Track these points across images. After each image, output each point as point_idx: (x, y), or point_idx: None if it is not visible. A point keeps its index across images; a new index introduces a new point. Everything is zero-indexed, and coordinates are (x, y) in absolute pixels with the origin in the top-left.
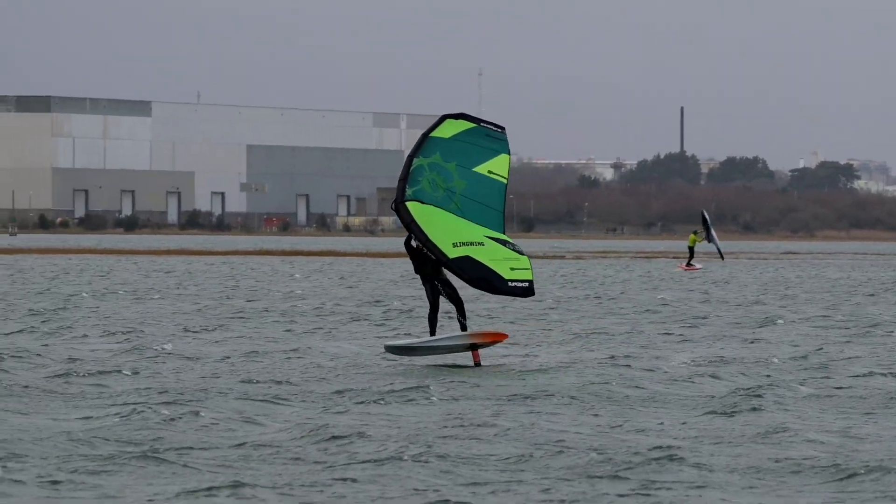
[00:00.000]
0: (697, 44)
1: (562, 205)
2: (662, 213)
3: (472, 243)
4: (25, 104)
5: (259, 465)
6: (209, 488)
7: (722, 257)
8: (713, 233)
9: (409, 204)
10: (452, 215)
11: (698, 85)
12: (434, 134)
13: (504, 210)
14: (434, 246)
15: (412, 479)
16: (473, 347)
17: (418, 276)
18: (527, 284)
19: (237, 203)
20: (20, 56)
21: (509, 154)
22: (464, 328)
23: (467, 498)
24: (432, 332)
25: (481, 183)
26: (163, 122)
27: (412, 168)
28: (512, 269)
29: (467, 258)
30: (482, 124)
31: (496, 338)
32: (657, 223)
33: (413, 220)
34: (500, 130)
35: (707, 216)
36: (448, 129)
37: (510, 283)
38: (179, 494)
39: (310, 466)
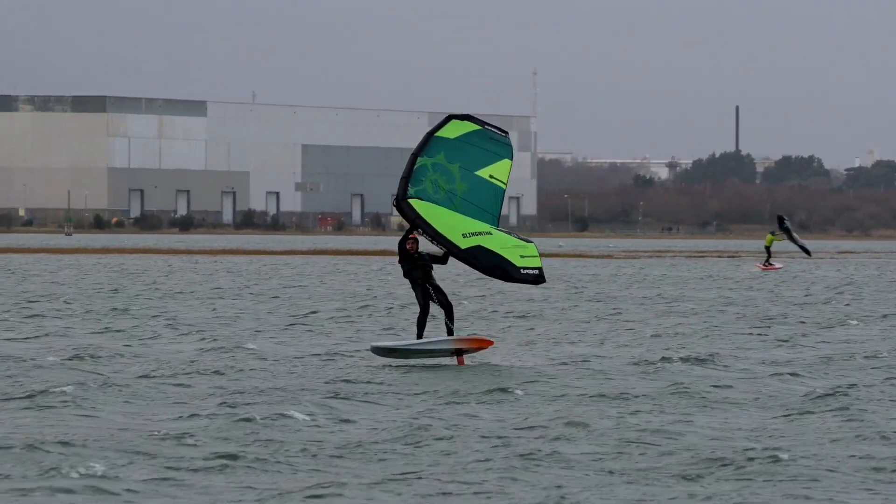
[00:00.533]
0: (752, 43)
1: (616, 204)
2: (717, 213)
3: (480, 233)
4: (81, 104)
5: (345, 465)
6: (296, 488)
7: (809, 254)
8: (795, 234)
9: (411, 201)
10: (453, 212)
11: (753, 84)
12: (439, 134)
13: (499, 215)
14: (444, 238)
15: (495, 478)
16: (459, 353)
17: (407, 280)
18: (537, 272)
19: (292, 203)
20: (76, 56)
21: (511, 159)
22: (450, 333)
23: (552, 497)
24: (419, 336)
25: (482, 187)
26: (218, 122)
27: (416, 167)
28: (522, 256)
29: (479, 247)
30: (487, 127)
31: (482, 344)
32: (712, 223)
33: (419, 215)
34: (504, 135)
35: (786, 218)
36: (453, 130)
37: (522, 271)
38: (267, 493)
39: (396, 466)
